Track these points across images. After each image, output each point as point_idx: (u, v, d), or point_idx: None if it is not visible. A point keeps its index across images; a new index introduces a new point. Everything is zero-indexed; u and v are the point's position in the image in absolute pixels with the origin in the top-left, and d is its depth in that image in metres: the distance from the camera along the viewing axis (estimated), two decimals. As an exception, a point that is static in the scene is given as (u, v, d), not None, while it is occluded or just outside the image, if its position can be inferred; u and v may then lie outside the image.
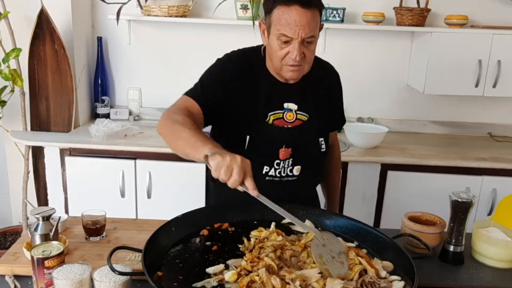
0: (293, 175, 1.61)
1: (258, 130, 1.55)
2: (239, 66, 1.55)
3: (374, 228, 1.42)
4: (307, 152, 1.60)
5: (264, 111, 1.55)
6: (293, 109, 1.57)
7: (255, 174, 1.45)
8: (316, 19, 1.41)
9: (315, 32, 1.42)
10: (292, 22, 1.38)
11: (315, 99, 1.61)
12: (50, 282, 1.16)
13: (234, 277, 1.15)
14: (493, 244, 1.43)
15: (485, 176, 2.61)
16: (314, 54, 1.49)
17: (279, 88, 1.56)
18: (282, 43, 1.42)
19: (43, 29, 2.64)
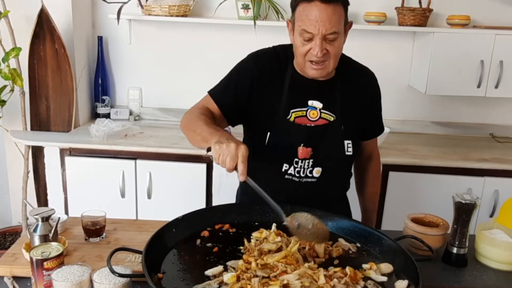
0: (312, 176, 1.57)
1: (278, 127, 1.54)
2: (265, 63, 1.56)
3: (377, 230, 1.41)
4: (329, 154, 1.56)
5: (286, 108, 1.53)
6: (317, 108, 1.55)
7: (275, 171, 1.55)
8: (339, 14, 1.39)
9: (337, 27, 1.40)
10: (313, 18, 1.38)
11: (344, 100, 1.57)
12: (49, 283, 1.15)
13: (233, 279, 1.13)
14: (497, 246, 1.42)
15: (487, 177, 2.59)
16: (339, 50, 1.47)
17: (304, 85, 1.54)
18: (304, 39, 1.42)
19: (43, 28, 2.63)
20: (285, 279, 1.12)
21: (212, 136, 1.33)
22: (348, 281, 1.15)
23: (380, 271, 1.24)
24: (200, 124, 1.42)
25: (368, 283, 1.18)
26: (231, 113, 1.57)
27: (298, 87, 1.54)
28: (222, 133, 1.35)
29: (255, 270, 1.16)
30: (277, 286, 1.10)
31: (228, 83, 1.58)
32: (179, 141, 2.61)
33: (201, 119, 1.45)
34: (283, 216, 1.32)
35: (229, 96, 1.56)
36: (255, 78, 1.54)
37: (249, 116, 1.58)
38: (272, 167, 1.57)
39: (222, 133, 1.35)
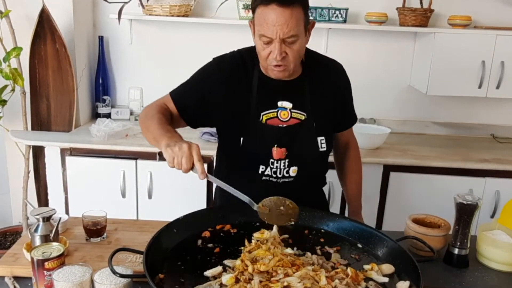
0: (289, 176, 1.58)
1: (251, 130, 1.53)
2: (229, 68, 1.54)
3: (378, 231, 1.41)
4: (303, 152, 1.57)
5: (256, 111, 1.53)
6: (287, 108, 1.54)
7: (252, 173, 1.55)
8: (297, 17, 1.37)
9: (296, 30, 1.38)
10: (270, 21, 1.36)
11: (314, 96, 1.57)
12: (50, 283, 1.15)
13: (232, 281, 1.13)
14: (499, 247, 1.41)
15: (488, 178, 2.59)
16: (299, 52, 1.45)
17: (273, 86, 1.53)
18: (264, 43, 1.41)
19: (44, 28, 2.63)
20: (286, 281, 1.12)
21: (162, 138, 1.33)
22: (349, 282, 1.15)
23: (381, 272, 1.24)
24: (154, 122, 1.42)
25: (370, 284, 1.18)
26: (189, 115, 1.56)
27: (267, 89, 1.53)
28: (172, 134, 1.35)
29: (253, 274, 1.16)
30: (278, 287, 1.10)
31: (189, 86, 1.57)
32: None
33: (155, 117, 1.45)
34: (254, 205, 1.36)
35: (188, 98, 1.55)
36: (219, 83, 1.53)
37: (218, 121, 1.58)
38: (249, 169, 1.57)
39: (172, 134, 1.35)
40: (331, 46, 3.03)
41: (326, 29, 2.95)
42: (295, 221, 1.40)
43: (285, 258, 1.22)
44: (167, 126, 1.41)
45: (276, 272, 1.16)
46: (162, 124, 1.41)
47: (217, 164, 1.74)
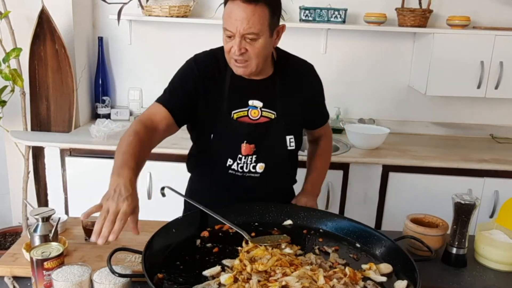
0: (256, 172, 1.60)
1: (221, 126, 1.56)
2: (204, 66, 1.57)
3: (376, 230, 1.41)
4: (271, 150, 1.59)
5: (228, 109, 1.56)
6: (258, 107, 1.57)
7: (219, 165, 1.59)
8: (260, 15, 1.39)
9: (257, 29, 1.40)
10: (233, 16, 1.40)
11: (284, 96, 1.60)
12: (50, 283, 1.15)
13: (230, 280, 1.14)
14: (496, 247, 1.42)
15: (486, 178, 2.59)
16: (262, 51, 1.45)
17: (244, 85, 1.56)
18: (227, 36, 1.45)
19: (43, 28, 2.64)
20: (284, 280, 1.12)
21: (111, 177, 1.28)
22: (347, 281, 1.16)
23: (379, 271, 1.25)
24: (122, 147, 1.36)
25: (368, 284, 1.18)
26: (181, 116, 1.56)
27: (238, 88, 1.56)
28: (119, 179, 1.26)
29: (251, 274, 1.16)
30: (276, 287, 1.10)
31: (173, 88, 1.58)
32: (179, 141, 2.61)
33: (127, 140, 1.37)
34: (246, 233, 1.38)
35: (177, 99, 1.55)
36: (198, 80, 1.55)
37: (196, 117, 1.60)
38: (217, 162, 1.61)
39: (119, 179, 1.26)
40: (330, 47, 3.03)
41: (325, 30, 2.96)
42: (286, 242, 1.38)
43: (283, 258, 1.22)
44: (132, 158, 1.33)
45: (274, 271, 1.17)
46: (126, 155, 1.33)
47: (189, 158, 1.77)
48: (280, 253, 1.26)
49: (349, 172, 2.62)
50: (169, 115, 1.53)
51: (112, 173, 1.29)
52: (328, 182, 2.61)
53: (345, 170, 2.61)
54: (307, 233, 1.46)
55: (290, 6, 2.94)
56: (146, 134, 1.43)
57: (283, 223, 1.51)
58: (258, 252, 1.27)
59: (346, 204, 2.67)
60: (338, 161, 2.59)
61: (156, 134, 1.49)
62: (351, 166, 2.61)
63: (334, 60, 3.06)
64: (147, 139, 1.43)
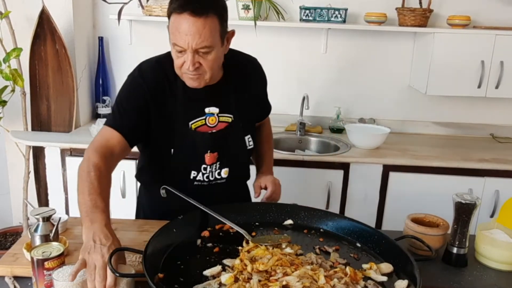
0: (221, 178, 1.59)
1: (181, 140, 1.51)
2: (152, 79, 1.48)
3: (377, 230, 1.41)
4: (233, 153, 1.57)
5: (184, 121, 1.50)
6: (214, 113, 1.54)
7: (183, 180, 1.54)
8: (211, 27, 1.33)
9: (210, 41, 1.34)
10: (182, 31, 1.33)
11: (238, 98, 1.58)
12: (50, 283, 1.15)
13: (231, 280, 1.14)
14: (497, 246, 1.42)
15: (487, 178, 2.59)
16: (215, 63, 1.41)
17: (198, 93, 1.49)
18: (177, 52, 1.38)
19: (44, 28, 2.64)
20: (284, 280, 1.12)
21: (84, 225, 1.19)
22: (348, 281, 1.16)
23: (380, 271, 1.24)
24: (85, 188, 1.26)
25: (368, 283, 1.18)
26: (135, 137, 1.49)
27: (192, 97, 1.50)
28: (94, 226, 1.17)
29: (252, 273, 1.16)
30: (276, 287, 1.10)
31: (123, 109, 1.48)
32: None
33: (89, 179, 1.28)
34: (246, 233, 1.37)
35: (129, 120, 1.46)
36: (148, 95, 1.47)
37: (150, 134, 1.52)
38: (179, 175, 1.55)
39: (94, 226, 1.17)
40: (331, 47, 3.03)
41: (326, 29, 2.96)
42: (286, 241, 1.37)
43: (284, 258, 1.22)
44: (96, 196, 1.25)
45: (275, 271, 1.17)
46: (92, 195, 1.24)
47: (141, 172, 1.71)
48: (281, 253, 1.26)
49: (350, 172, 2.62)
50: (123, 139, 1.44)
51: (82, 219, 1.20)
52: (329, 181, 2.61)
53: (345, 170, 2.61)
54: (308, 233, 1.46)
55: (290, 6, 2.94)
56: (105, 164, 1.35)
57: (283, 222, 1.51)
58: (258, 252, 1.27)
59: (347, 204, 2.67)
60: (339, 161, 2.59)
61: (113, 161, 1.42)
62: (351, 165, 2.61)
63: (335, 59, 3.06)
64: (106, 170, 1.35)
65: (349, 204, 2.67)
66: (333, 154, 2.68)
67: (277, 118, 3.13)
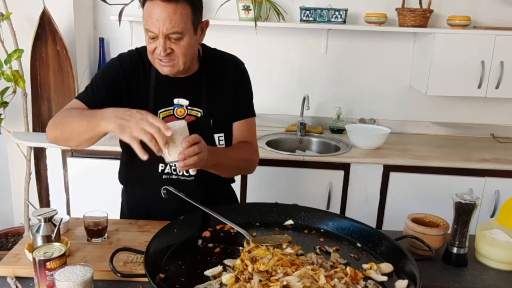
0: (189, 175, 1.57)
1: None
2: (128, 64, 1.52)
3: (377, 230, 1.42)
4: None
5: (153, 109, 1.51)
6: (184, 105, 1.53)
7: (152, 173, 1.54)
8: (182, 13, 1.35)
9: (181, 27, 1.36)
10: (153, 16, 1.35)
11: (211, 93, 1.56)
12: (52, 283, 1.16)
13: (232, 280, 1.14)
14: (497, 246, 1.42)
15: (487, 178, 2.60)
16: (188, 49, 1.41)
17: (169, 83, 1.51)
18: (150, 37, 1.40)
19: (45, 30, 2.65)
20: (285, 280, 1.13)
21: (99, 116, 1.25)
22: (348, 281, 1.16)
23: (380, 271, 1.25)
24: (76, 113, 1.34)
25: (369, 283, 1.19)
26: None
27: (163, 87, 1.52)
28: (108, 112, 1.26)
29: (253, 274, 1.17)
30: (277, 287, 1.11)
31: (95, 86, 1.52)
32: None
33: (74, 111, 1.37)
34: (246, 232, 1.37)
35: (98, 97, 1.48)
36: (121, 78, 1.50)
37: None
38: (148, 169, 1.56)
39: (108, 112, 1.26)
40: (331, 47, 3.04)
41: (326, 30, 2.96)
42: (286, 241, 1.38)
43: (285, 258, 1.23)
44: (87, 110, 1.34)
45: (275, 271, 1.17)
46: (84, 111, 1.33)
47: (121, 168, 1.73)
48: (281, 253, 1.27)
49: (350, 172, 2.62)
50: None
51: (96, 125, 1.26)
52: (329, 182, 2.62)
53: (346, 170, 2.62)
54: (308, 233, 1.46)
55: (290, 6, 2.95)
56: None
57: (284, 223, 1.52)
58: (259, 252, 1.27)
59: (347, 204, 2.67)
60: (339, 161, 2.60)
61: None
62: (352, 166, 2.61)
63: (335, 60, 3.07)
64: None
65: (349, 204, 2.67)
66: (333, 154, 2.68)
67: (277, 118, 3.15)
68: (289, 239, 1.37)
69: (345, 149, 2.72)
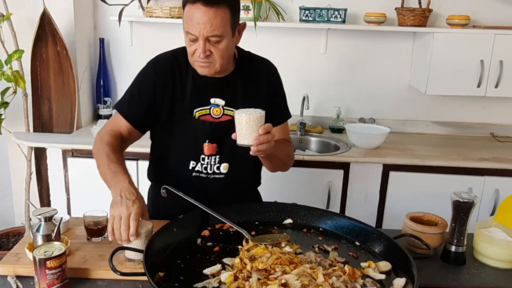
0: (220, 172, 1.60)
1: (182, 126, 1.57)
2: (163, 68, 1.57)
3: (376, 229, 1.42)
4: (235, 149, 1.52)
5: (189, 108, 1.56)
6: (220, 105, 1.57)
7: (182, 169, 1.59)
8: (222, 17, 1.39)
9: (220, 30, 1.40)
10: (194, 20, 1.39)
11: (246, 94, 1.59)
12: (52, 282, 1.17)
13: (230, 279, 1.15)
14: (495, 245, 1.42)
15: (487, 177, 2.60)
16: (225, 52, 1.46)
17: (206, 83, 1.55)
18: (190, 40, 1.44)
19: (45, 30, 2.65)
20: (283, 279, 1.14)
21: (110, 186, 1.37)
22: (346, 279, 1.17)
23: (378, 269, 1.26)
24: (104, 160, 1.45)
25: (367, 281, 1.20)
26: (140, 123, 1.59)
27: (200, 87, 1.56)
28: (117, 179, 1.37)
29: (251, 272, 1.17)
30: (275, 285, 1.11)
31: (131, 95, 1.59)
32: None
33: (104, 153, 1.47)
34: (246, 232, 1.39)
35: (135, 107, 1.57)
36: (156, 84, 1.55)
37: (157, 121, 1.60)
38: (179, 165, 1.61)
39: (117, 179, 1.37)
40: (330, 47, 3.04)
41: (325, 30, 2.97)
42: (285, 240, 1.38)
43: (283, 256, 1.23)
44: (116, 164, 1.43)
45: (274, 270, 1.18)
46: (111, 163, 1.43)
47: (150, 165, 1.76)
48: (280, 252, 1.27)
49: (350, 172, 2.63)
50: (130, 126, 1.57)
51: (108, 185, 1.39)
52: (329, 181, 2.62)
53: (345, 170, 2.62)
54: (307, 232, 1.47)
55: (290, 6, 2.95)
56: (116, 142, 1.53)
57: (283, 222, 1.52)
58: (258, 251, 1.28)
59: (347, 203, 2.68)
60: (339, 161, 2.60)
61: (123, 142, 1.58)
62: (351, 165, 2.62)
63: (335, 60, 3.07)
64: (119, 146, 1.53)
65: (349, 203, 2.67)
66: (333, 154, 2.69)
67: (277, 118, 3.14)
68: (288, 238, 1.38)
69: (345, 149, 2.73)
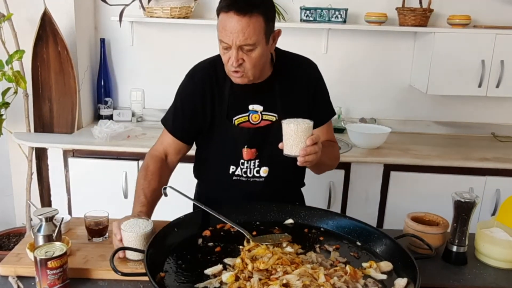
0: (260, 176, 1.61)
1: (223, 134, 1.58)
2: (201, 79, 1.59)
3: (377, 229, 1.42)
4: (274, 153, 1.53)
5: (229, 116, 1.57)
6: (258, 111, 1.57)
7: (222, 173, 1.63)
8: (255, 25, 1.39)
9: (254, 39, 1.40)
10: (227, 28, 1.39)
11: (284, 97, 1.58)
12: (53, 283, 1.17)
13: (232, 279, 1.15)
14: (497, 244, 1.42)
15: (488, 177, 2.60)
16: (258, 60, 1.45)
17: (244, 90, 1.55)
18: (224, 48, 1.44)
19: (46, 31, 2.65)
20: (285, 279, 1.14)
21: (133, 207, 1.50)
22: (348, 279, 1.17)
23: (380, 269, 1.25)
24: (136, 186, 1.57)
25: (368, 281, 1.19)
26: (185, 136, 1.64)
27: (238, 94, 1.56)
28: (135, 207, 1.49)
29: (252, 272, 1.17)
30: (277, 285, 1.11)
31: (175, 110, 1.63)
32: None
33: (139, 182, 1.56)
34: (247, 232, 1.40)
35: (178, 121, 1.62)
36: (196, 95, 1.58)
37: (200, 131, 1.63)
38: (220, 169, 1.63)
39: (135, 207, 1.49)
40: (331, 47, 3.04)
41: (326, 30, 2.97)
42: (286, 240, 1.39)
43: (284, 257, 1.23)
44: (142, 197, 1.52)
45: (275, 270, 1.18)
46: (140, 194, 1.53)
47: (195, 163, 1.80)
48: (281, 252, 1.27)
49: (351, 171, 2.63)
50: (176, 140, 1.63)
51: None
52: (330, 181, 2.62)
53: (346, 170, 2.62)
54: (308, 232, 1.47)
55: (290, 6, 2.95)
56: (154, 164, 1.60)
57: (284, 222, 1.52)
58: (259, 251, 1.28)
59: (348, 203, 2.67)
60: (340, 161, 2.59)
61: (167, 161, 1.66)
62: (352, 165, 2.62)
63: (335, 60, 3.07)
64: (155, 169, 1.59)
65: (350, 203, 2.67)
66: (334, 153, 2.68)
67: (278, 118, 3.14)
68: (289, 238, 1.37)
69: (346, 149, 2.73)
